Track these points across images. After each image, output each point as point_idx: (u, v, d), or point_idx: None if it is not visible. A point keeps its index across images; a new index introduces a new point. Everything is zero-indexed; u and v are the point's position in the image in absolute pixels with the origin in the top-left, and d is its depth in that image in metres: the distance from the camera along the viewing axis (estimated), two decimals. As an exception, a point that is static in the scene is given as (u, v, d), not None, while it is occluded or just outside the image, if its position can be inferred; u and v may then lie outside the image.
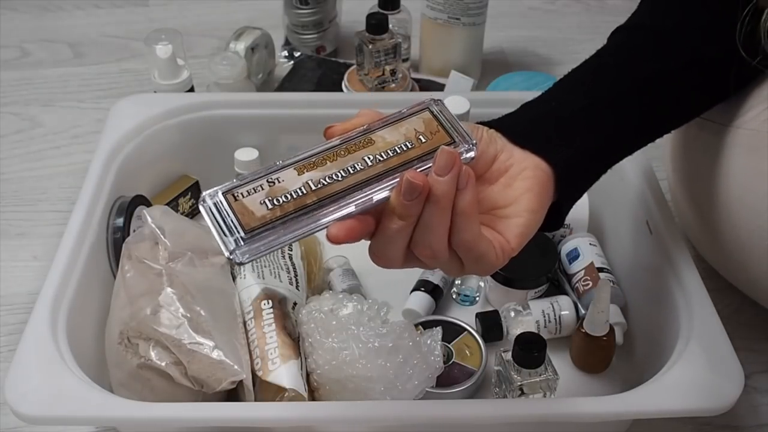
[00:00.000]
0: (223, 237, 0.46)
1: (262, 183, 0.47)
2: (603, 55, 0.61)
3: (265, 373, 0.65)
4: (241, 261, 0.45)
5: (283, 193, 0.46)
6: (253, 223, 0.45)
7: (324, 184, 0.47)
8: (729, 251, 0.69)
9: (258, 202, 0.46)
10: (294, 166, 0.47)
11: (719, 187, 0.67)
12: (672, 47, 0.60)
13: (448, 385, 0.71)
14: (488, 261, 0.50)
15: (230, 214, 0.46)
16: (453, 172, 0.46)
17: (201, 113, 0.86)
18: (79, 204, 0.73)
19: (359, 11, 1.07)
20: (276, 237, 0.46)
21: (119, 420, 0.60)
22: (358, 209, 0.47)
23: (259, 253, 0.46)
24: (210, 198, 0.47)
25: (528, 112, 0.57)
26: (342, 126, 0.50)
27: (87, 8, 1.29)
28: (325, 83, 1.05)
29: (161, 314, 0.64)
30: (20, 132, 1.04)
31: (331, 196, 0.46)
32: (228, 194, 0.47)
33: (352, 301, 0.69)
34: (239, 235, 0.45)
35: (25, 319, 0.64)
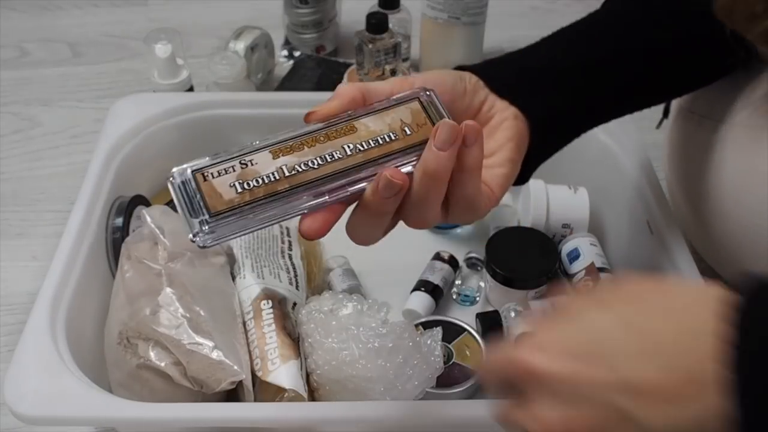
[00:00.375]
0: (189, 218, 0.44)
1: (234, 164, 0.45)
2: (593, 20, 0.62)
3: (265, 373, 0.65)
4: (203, 245, 0.44)
5: (255, 177, 0.44)
6: (220, 206, 0.44)
7: (298, 171, 0.45)
8: (724, 248, 0.69)
9: (228, 184, 0.44)
10: (270, 148, 0.45)
11: (714, 183, 0.67)
12: (664, 22, 0.61)
13: (448, 386, 0.71)
14: (479, 212, 0.49)
15: (197, 194, 0.44)
16: (454, 147, 0.44)
17: (200, 113, 0.86)
18: (78, 204, 0.73)
19: (359, 11, 1.07)
20: (244, 223, 0.44)
21: (119, 420, 0.60)
22: (331, 200, 0.45)
23: (223, 237, 0.44)
24: (179, 175, 0.45)
25: (512, 63, 0.57)
26: (325, 110, 0.48)
27: (86, 8, 1.29)
28: (325, 83, 1.05)
29: (161, 314, 0.64)
30: (19, 132, 1.04)
31: (305, 185, 0.44)
32: (198, 173, 0.45)
33: (352, 301, 0.69)
34: (204, 218, 0.44)
35: (24, 319, 0.64)
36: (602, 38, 0.60)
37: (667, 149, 0.80)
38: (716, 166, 0.67)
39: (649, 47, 0.60)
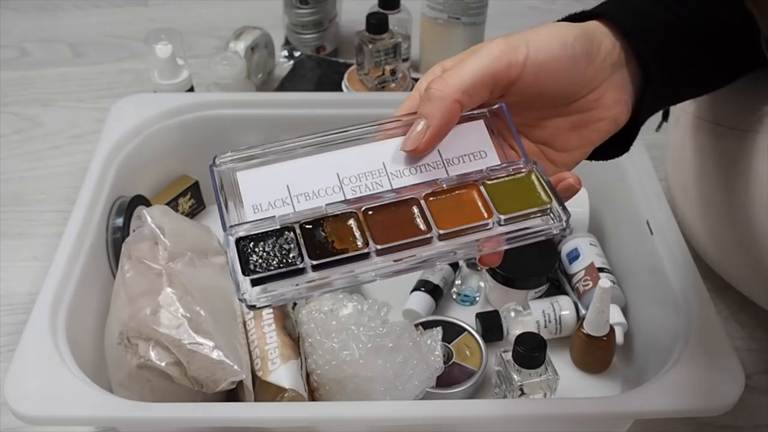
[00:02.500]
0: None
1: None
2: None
3: (265, 373, 0.65)
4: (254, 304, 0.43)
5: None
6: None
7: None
8: (740, 252, 0.69)
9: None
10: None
11: (735, 189, 0.66)
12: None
13: (448, 385, 0.71)
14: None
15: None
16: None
17: (201, 113, 0.86)
18: (78, 204, 0.73)
19: (359, 11, 1.07)
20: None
21: (119, 420, 0.60)
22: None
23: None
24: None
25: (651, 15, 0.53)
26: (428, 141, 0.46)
27: (86, 8, 1.29)
28: (325, 83, 1.05)
29: (161, 314, 0.64)
30: (20, 132, 1.04)
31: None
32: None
33: (352, 301, 0.69)
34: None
35: (25, 319, 0.64)
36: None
37: (670, 154, 0.80)
38: (739, 173, 0.66)
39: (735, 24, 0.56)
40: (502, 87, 0.47)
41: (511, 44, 0.47)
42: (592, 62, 0.49)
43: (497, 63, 0.46)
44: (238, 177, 0.46)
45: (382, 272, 0.44)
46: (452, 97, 0.46)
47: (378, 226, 0.45)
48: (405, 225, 0.45)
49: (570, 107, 0.50)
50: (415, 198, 0.46)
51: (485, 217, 0.45)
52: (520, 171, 0.47)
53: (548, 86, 0.48)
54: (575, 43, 0.48)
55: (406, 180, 0.47)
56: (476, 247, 0.45)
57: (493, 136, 0.49)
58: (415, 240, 0.44)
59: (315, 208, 0.45)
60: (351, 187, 0.46)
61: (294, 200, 0.46)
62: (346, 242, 0.44)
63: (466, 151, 0.48)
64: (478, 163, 0.48)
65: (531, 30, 0.48)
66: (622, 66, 0.51)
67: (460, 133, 0.48)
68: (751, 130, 0.65)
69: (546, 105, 0.50)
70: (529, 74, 0.47)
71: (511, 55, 0.47)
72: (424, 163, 0.47)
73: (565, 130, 0.51)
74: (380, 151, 0.48)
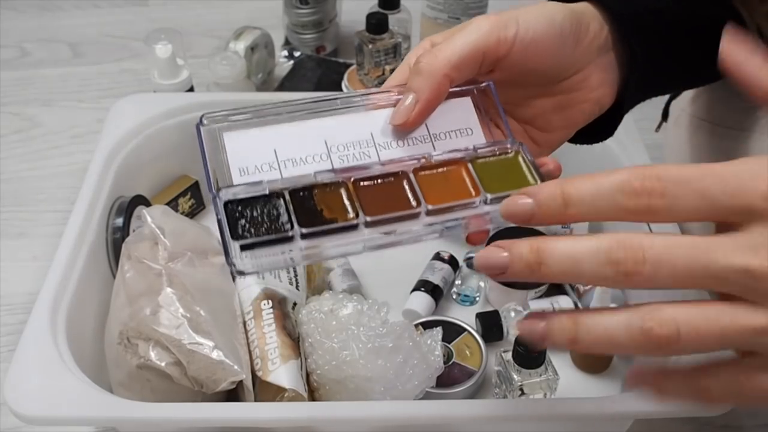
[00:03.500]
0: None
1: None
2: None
3: (265, 373, 0.65)
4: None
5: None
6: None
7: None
8: None
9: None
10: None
11: None
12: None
13: (448, 385, 0.71)
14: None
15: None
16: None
17: (201, 113, 0.86)
18: (78, 204, 0.73)
19: (359, 11, 1.07)
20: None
21: (119, 420, 0.60)
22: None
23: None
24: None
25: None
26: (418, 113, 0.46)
27: (86, 8, 1.29)
28: (325, 83, 1.05)
29: (161, 314, 0.64)
30: (20, 132, 1.04)
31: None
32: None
33: (352, 301, 0.69)
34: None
35: (25, 319, 0.64)
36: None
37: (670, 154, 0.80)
38: None
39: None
40: (491, 62, 0.48)
41: (501, 20, 0.47)
42: (579, 43, 0.50)
43: (487, 38, 0.47)
44: (224, 138, 0.46)
45: (370, 244, 0.44)
46: (441, 72, 0.46)
47: (368, 197, 0.45)
48: (394, 198, 0.45)
49: (555, 87, 0.51)
50: (405, 172, 0.46)
51: (473, 195, 0.46)
52: (506, 151, 0.48)
53: (536, 64, 0.49)
54: (564, 22, 0.49)
55: (394, 152, 0.47)
56: (463, 224, 0.45)
57: (479, 113, 0.49)
58: (404, 214, 0.45)
59: (304, 175, 0.45)
60: (338, 155, 0.46)
61: (281, 165, 0.45)
62: (336, 212, 0.44)
63: (452, 127, 0.49)
64: (464, 140, 0.48)
65: (521, 8, 0.49)
66: (609, 49, 0.51)
67: (448, 108, 0.48)
68: (749, 131, 0.66)
69: (532, 83, 0.50)
70: (518, 51, 0.47)
71: (501, 31, 0.47)
72: (411, 136, 0.48)
73: (549, 110, 0.52)
74: (369, 122, 0.48)
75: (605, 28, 0.51)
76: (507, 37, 0.47)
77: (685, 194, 0.35)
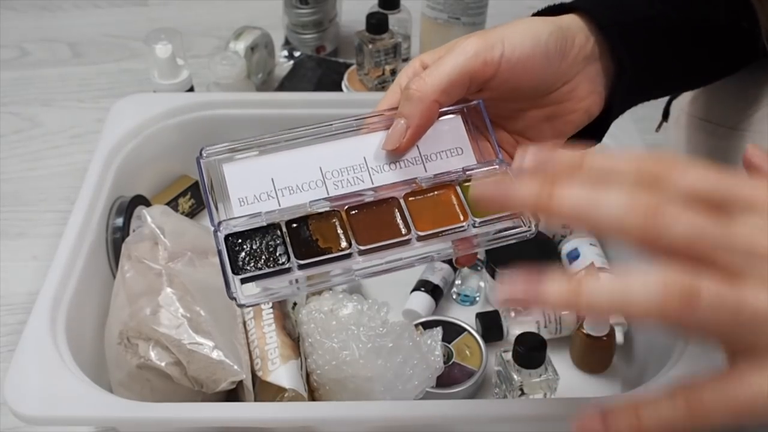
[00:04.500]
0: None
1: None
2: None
3: (265, 373, 0.65)
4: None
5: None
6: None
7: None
8: None
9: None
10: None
11: None
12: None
13: (448, 385, 0.71)
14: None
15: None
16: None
17: (201, 113, 0.86)
18: (78, 204, 0.73)
19: (359, 11, 1.07)
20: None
21: (119, 420, 0.60)
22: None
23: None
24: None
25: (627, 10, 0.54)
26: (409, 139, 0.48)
27: (86, 8, 1.29)
28: (325, 83, 1.05)
29: (161, 314, 0.64)
30: (20, 132, 1.04)
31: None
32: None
33: (352, 301, 0.69)
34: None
35: (25, 319, 0.64)
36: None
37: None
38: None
39: (712, 20, 0.57)
40: (478, 84, 0.48)
41: (486, 42, 0.48)
42: (565, 57, 0.50)
43: (474, 62, 0.47)
44: (224, 169, 0.47)
45: (362, 273, 0.45)
46: (431, 98, 0.47)
47: (360, 225, 0.46)
48: (386, 226, 0.47)
49: (544, 99, 0.51)
50: (395, 198, 0.47)
51: (461, 220, 0.47)
52: (494, 173, 0.49)
53: (523, 82, 0.49)
54: (549, 39, 0.49)
55: (386, 176, 0.48)
56: (452, 249, 0.47)
57: (469, 132, 0.50)
58: (395, 241, 0.46)
59: (299, 205, 0.46)
60: (333, 181, 0.47)
61: (279, 194, 0.47)
62: (330, 241, 0.46)
63: (443, 147, 0.49)
64: (455, 160, 0.49)
65: (506, 26, 0.49)
66: (596, 59, 0.52)
67: (438, 128, 0.49)
68: (750, 131, 0.65)
69: (521, 98, 0.51)
70: (505, 71, 0.48)
71: (487, 53, 0.47)
72: (404, 159, 0.49)
73: (539, 121, 0.52)
74: (362, 146, 0.49)
75: (591, 39, 0.51)
76: (493, 59, 0.47)
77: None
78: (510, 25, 0.49)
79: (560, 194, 0.35)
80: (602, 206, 0.34)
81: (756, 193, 0.34)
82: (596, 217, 0.35)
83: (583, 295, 0.34)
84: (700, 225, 0.33)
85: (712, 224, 0.34)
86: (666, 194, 0.34)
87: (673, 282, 0.33)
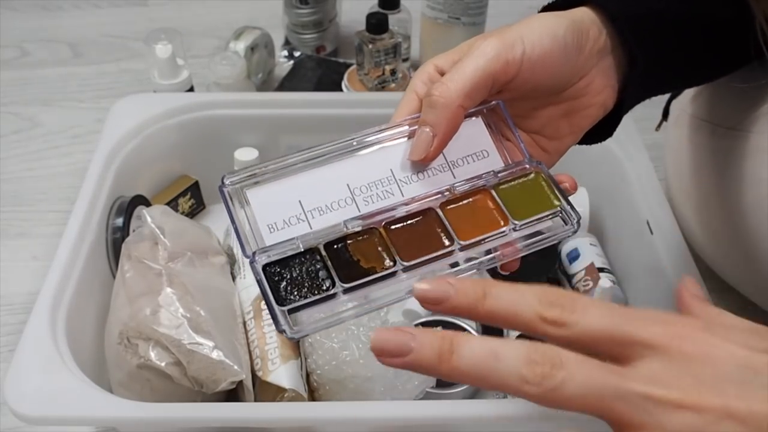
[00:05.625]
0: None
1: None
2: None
3: (265, 373, 0.65)
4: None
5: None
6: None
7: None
8: (740, 253, 0.69)
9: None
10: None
11: (731, 190, 0.67)
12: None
13: (448, 385, 0.71)
14: None
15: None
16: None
17: (201, 113, 0.86)
18: (78, 204, 0.73)
19: (359, 11, 1.07)
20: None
21: (119, 420, 0.60)
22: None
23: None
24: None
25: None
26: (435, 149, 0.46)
27: (86, 8, 1.29)
28: (325, 83, 1.05)
29: (161, 314, 0.64)
30: (19, 132, 1.04)
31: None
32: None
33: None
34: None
35: (25, 319, 0.64)
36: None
37: (669, 154, 0.80)
38: (733, 174, 0.66)
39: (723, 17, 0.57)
40: (500, 85, 0.48)
41: (505, 42, 0.47)
42: (582, 51, 0.50)
43: (495, 63, 0.47)
44: (248, 195, 0.45)
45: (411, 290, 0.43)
46: (456, 103, 0.46)
47: (401, 241, 0.45)
48: (427, 239, 0.45)
49: (561, 96, 0.51)
50: (432, 208, 0.46)
51: (501, 225, 0.46)
52: (526, 173, 0.48)
53: (543, 79, 0.49)
54: (566, 34, 0.49)
55: (416, 186, 0.47)
56: (497, 257, 0.46)
57: (492, 133, 0.49)
58: (440, 254, 0.44)
59: (334, 226, 0.45)
60: (363, 197, 0.46)
61: (308, 216, 0.45)
62: (373, 260, 0.44)
63: (468, 151, 0.48)
64: (482, 164, 0.48)
65: (521, 24, 0.49)
66: (609, 52, 0.52)
67: (461, 133, 0.48)
68: (750, 131, 0.65)
69: (539, 96, 0.51)
70: (526, 70, 0.47)
71: (508, 53, 0.47)
72: (431, 167, 0.47)
73: (556, 118, 0.52)
74: (386, 159, 0.47)
75: (604, 32, 0.51)
76: (515, 58, 0.47)
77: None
78: (525, 23, 0.49)
79: (459, 350, 0.35)
80: (501, 362, 0.35)
81: (655, 332, 0.36)
82: (496, 375, 0.35)
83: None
84: (597, 379, 0.35)
85: (608, 375, 0.35)
86: (566, 333, 0.36)
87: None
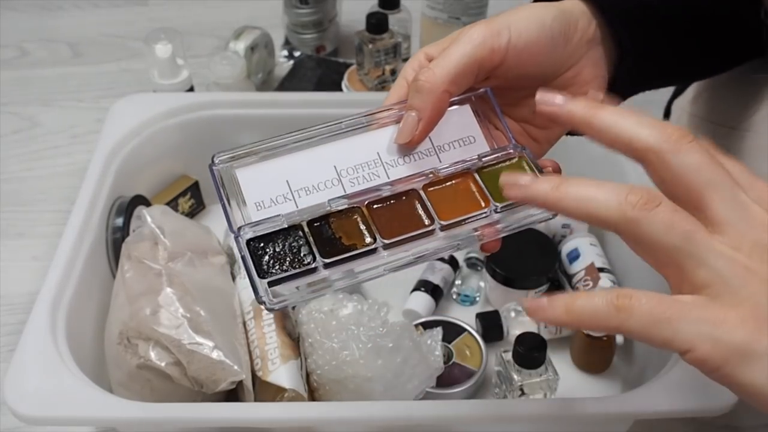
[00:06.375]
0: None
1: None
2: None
3: (265, 373, 0.65)
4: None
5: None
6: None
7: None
8: None
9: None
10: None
11: None
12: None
13: (448, 385, 0.71)
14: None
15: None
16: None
17: (201, 113, 0.86)
18: (78, 204, 0.73)
19: (359, 11, 1.07)
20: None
21: (119, 420, 0.60)
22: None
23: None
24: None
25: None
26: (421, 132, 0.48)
27: (86, 8, 1.29)
28: (325, 83, 1.05)
29: (161, 314, 0.64)
30: (19, 132, 1.04)
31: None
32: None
33: (352, 301, 0.69)
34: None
35: (25, 319, 0.64)
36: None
37: None
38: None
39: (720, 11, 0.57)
40: (486, 72, 0.48)
41: (492, 29, 0.48)
42: (569, 42, 0.50)
43: (481, 50, 0.47)
44: (237, 175, 0.46)
45: (390, 266, 0.45)
46: (441, 88, 0.47)
47: (382, 220, 0.46)
48: (408, 218, 0.46)
49: (549, 85, 0.51)
50: (415, 189, 0.47)
51: (483, 206, 0.47)
52: (510, 157, 0.49)
53: (529, 68, 0.49)
54: (553, 24, 0.49)
55: (402, 169, 0.48)
56: (476, 237, 0.46)
57: (479, 120, 0.50)
58: (420, 233, 0.46)
59: (318, 204, 0.46)
60: (349, 179, 0.47)
61: (295, 195, 0.46)
62: (354, 238, 0.45)
63: (455, 137, 0.49)
64: (468, 149, 0.49)
65: (510, 12, 0.49)
66: (598, 43, 0.52)
67: (448, 118, 0.49)
68: (750, 130, 0.65)
69: (526, 85, 0.51)
70: (512, 58, 0.48)
71: (495, 40, 0.47)
72: (417, 151, 0.48)
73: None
74: (374, 141, 0.48)
75: (593, 22, 0.51)
76: (500, 45, 0.47)
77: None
78: (513, 12, 0.49)
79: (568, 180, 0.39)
80: (604, 186, 0.39)
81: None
82: (595, 206, 0.39)
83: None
84: (684, 225, 0.39)
85: (697, 227, 0.39)
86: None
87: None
